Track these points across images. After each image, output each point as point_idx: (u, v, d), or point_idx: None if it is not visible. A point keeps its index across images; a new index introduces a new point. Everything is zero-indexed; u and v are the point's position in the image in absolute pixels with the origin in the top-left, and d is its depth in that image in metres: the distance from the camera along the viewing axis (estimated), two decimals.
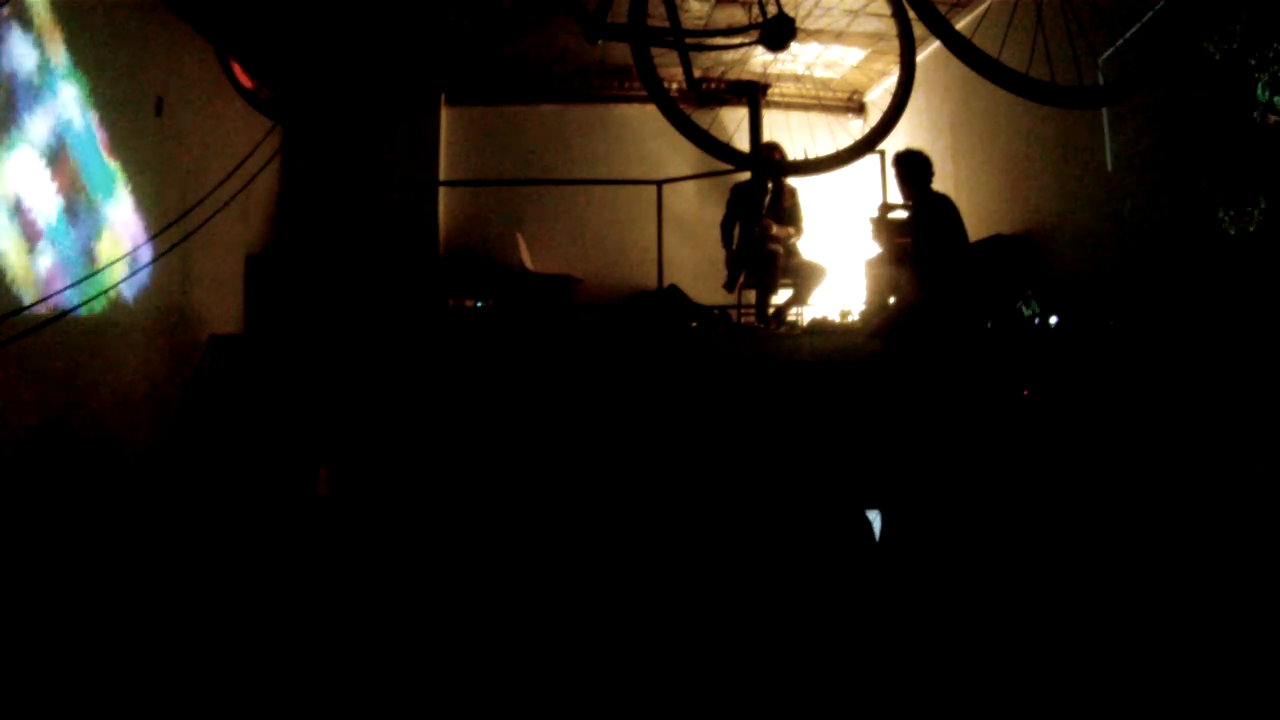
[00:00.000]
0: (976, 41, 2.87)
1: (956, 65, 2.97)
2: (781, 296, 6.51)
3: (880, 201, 6.59)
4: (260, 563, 3.94)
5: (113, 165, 4.51)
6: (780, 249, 6.32)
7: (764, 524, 4.36)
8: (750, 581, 3.73)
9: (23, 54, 3.79)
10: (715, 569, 3.92)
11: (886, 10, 3.49)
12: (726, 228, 6.60)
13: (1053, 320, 4.96)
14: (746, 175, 6.60)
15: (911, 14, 3.04)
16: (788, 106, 8.32)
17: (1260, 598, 3.14)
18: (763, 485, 4.67)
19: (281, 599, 3.59)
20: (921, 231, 5.10)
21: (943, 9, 3.48)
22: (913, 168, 5.22)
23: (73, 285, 3.93)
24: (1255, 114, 3.74)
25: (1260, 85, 3.71)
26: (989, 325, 4.97)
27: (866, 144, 3.40)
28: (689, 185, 7.67)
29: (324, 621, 3.39)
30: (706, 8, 6.61)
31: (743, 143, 7.75)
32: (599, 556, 4.06)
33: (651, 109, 4.12)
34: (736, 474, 4.77)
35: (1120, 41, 4.42)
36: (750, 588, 3.68)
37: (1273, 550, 3.32)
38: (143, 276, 4.64)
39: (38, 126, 3.88)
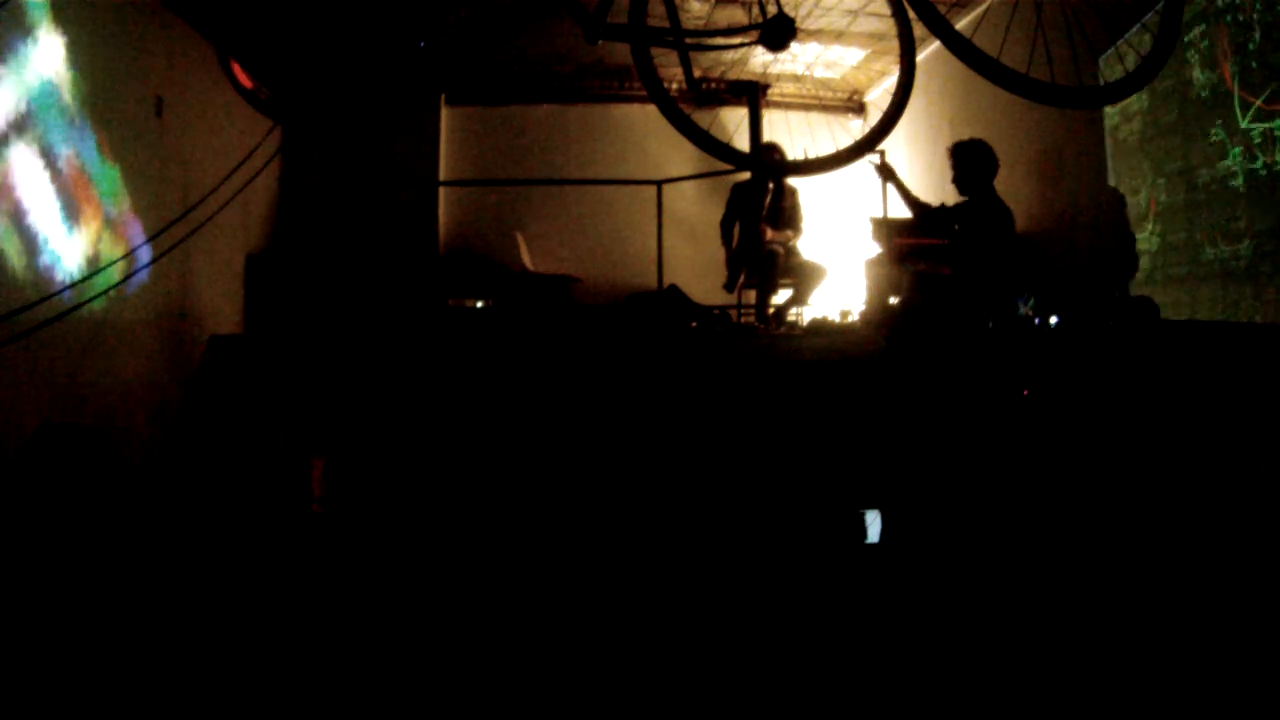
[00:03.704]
0: (976, 41, 2.86)
1: (956, 65, 2.97)
2: (781, 296, 6.51)
3: (880, 214, 6.58)
4: (259, 565, 3.93)
5: (113, 165, 4.51)
6: (780, 249, 6.32)
7: (763, 524, 4.36)
8: (749, 581, 3.73)
9: (22, 54, 3.79)
10: (714, 570, 3.92)
11: (886, 10, 3.49)
12: (726, 228, 6.60)
13: (1053, 320, 4.96)
14: (746, 175, 6.61)
15: (911, 14, 3.03)
16: (788, 106, 8.34)
17: (1261, 597, 3.14)
18: (762, 486, 4.67)
19: (280, 602, 3.59)
20: (974, 234, 4.63)
21: (943, 9, 3.47)
22: (976, 160, 4.64)
23: (73, 285, 3.93)
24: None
25: None
26: (989, 325, 4.97)
27: (866, 144, 3.39)
28: (689, 185, 7.67)
29: (323, 624, 3.39)
30: (706, 8, 6.61)
31: (743, 143, 7.76)
32: (597, 556, 4.06)
33: (651, 109, 4.12)
34: (736, 474, 4.77)
35: (1120, 41, 4.43)
36: (749, 588, 3.68)
37: (1273, 550, 3.32)
38: (143, 276, 4.64)
39: (37, 126, 3.88)
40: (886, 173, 5.03)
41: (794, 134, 6.58)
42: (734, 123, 7.97)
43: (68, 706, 2.76)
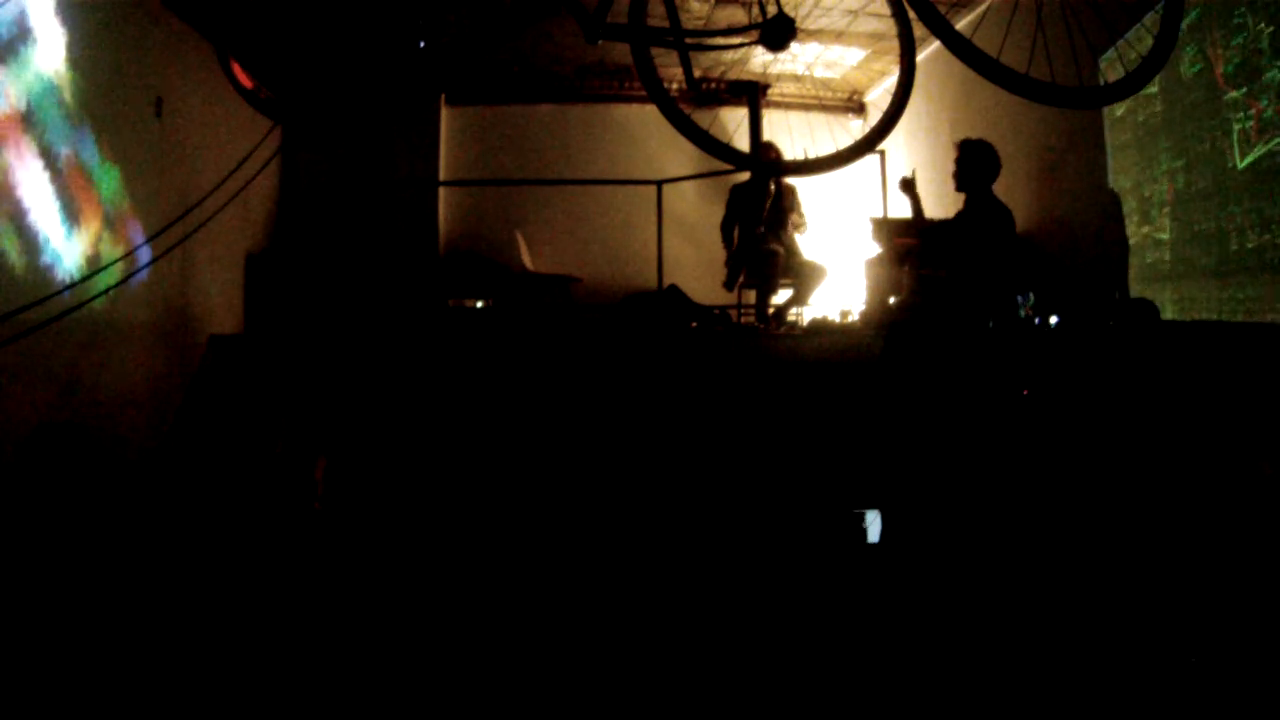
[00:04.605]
0: (976, 41, 2.86)
1: (956, 65, 2.97)
2: (781, 296, 6.51)
3: (880, 214, 6.59)
4: (260, 563, 3.93)
5: (113, 165, 4.50)
6: (780, 249, 6.32)
7: (763, 524, 4.36)
8: (749, 582, 3.73)
9: (22, 54, 3.79)
10: (714, 570, 3.92)
11: (886, 10, 3.49)
12: (726, 228, 6.60)
13: (1053, 320, 4.96)
14: (746, 175, 6.61)
15: (911, 14, 3.04)
16: (788, 106, 8.34)
17: (1260, 598, 3.14)
18: (762, 486, 4.67)
19: (280, 600, 3.59)
20: (972, 235, 4.67)
21: (943, 9, 3.47)
22: (979, 161, 4.68)
23: (73, 285, 3.93)
24: None
25: None
26: (989, 325, 4.97)
27: (866, 144, 3.39)
28: (689, 185, 7.67)
29: (323, 624, 3.39)
30: (706, 8, 6.61)
31: (743, 143, 7.76)
32: (598, 555, 4.06)
33: (651, 109, 4.12)
34: (736, 474, 4.77)
35: (1120, 41, 4.43)
36: (749, 588, 3.68)
37: (1273, 551, 3.32)
38: (143, 276, 4.64)
39: (37, 126, 3.88)
40: (909, 189, 5.08)
41: (794, 134, 6.58)
42: (734, 123, 7.96)
43: (66, 706, 2.76)
